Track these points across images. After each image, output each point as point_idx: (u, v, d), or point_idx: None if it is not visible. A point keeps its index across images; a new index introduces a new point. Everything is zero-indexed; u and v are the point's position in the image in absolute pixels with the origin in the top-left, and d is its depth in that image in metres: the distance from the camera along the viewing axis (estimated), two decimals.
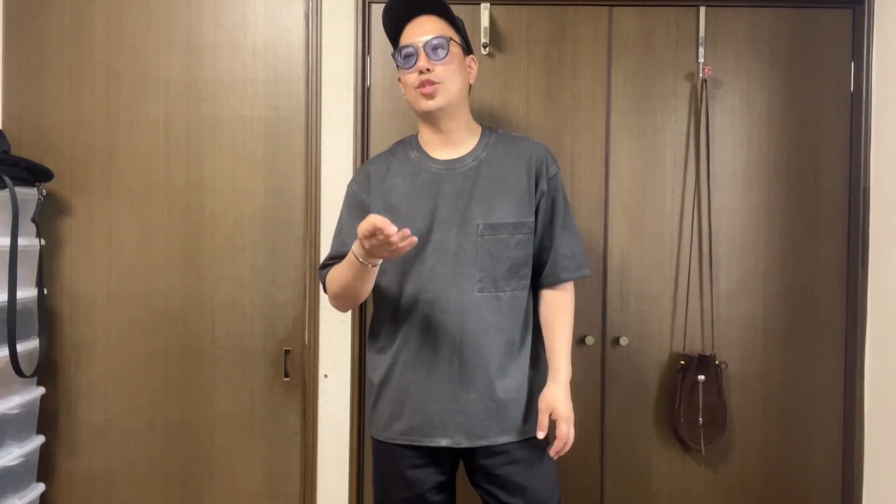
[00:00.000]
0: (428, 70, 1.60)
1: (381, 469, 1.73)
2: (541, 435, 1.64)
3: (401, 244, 1.42)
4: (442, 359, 1.61)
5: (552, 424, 1.64)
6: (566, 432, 1.63)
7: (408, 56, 1.63)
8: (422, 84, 1.61)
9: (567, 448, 1.64)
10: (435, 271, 1.62)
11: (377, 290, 1.70)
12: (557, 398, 1.65)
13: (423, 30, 1.63)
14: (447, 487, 1.73)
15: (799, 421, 2.18)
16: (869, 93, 2.13)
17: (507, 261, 1.64)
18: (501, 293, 1.64)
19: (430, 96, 1.62)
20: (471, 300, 1.61)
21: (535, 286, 1.73)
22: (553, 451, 1.64)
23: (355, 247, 1.51)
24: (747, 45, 2.16)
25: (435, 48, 1.61)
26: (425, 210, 1.64)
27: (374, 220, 1.38)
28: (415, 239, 1.44)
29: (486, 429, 1.62)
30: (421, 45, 1.61)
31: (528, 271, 1.69)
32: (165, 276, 2.15)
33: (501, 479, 1.63)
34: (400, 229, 1.54)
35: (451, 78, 1.63)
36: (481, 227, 1.63)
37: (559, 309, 1.71)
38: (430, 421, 1.62)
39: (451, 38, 1.63)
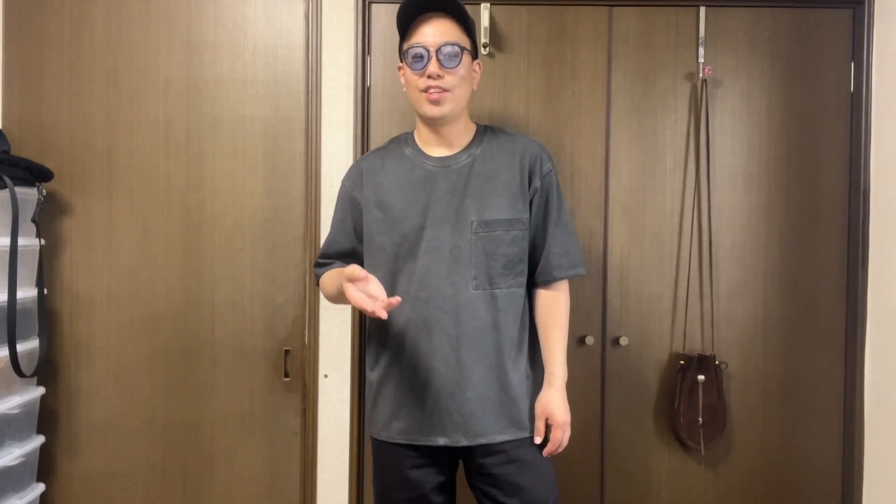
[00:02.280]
0: (438, 76, 1.59)
1: (381, 469, 1.73)
2: (538, 440, 1.65)
3: (378, 311, 1.45)
4: (439, 357, 1.61)
5: (548, 428, 1.65)
6: (560, 437, 1.65)
7: (418, 57, 1.59)
8: (428, 89, 1.60)
9: (559, 450, 1.66)
10: (430, 269, 1.62)
11: None
12: (553, 403, 1.65)
13: (439, 31, 1.59)
14: (448, 488, 1.73)
15: (799, 421, 2.18)
16: (869, 93, 2.13)
17: (503, 258, 1.63)
18: (497, 290, 1.63)
19: (436, 103, 1.61)
20: (466, 298, 1.61)
21: (530, 285, 1.73)
22: (545, 452, 1.66)
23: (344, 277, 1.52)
24: (747, 45, 2.16)
25: (449, 55, 1.59)
26: (419, 207, 1.64)
27: (355, 287, 1.47)
28: (398, 300, 1.46)
29: (484, 427, 1.62)
30: (434, 49, 1.58)
31: (524, 268, 1.68)
32: (165, 276, 2.15)
33: (498, 478, 1.63)
34: (392, 227, 1.60)
35: (459, 86, 1.62)
36: (475, 224, 1.62)
37: (553, 309, 1.70)
38: (428, 420, 1.62)
39: (464, 48, 1.61)
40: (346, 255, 1.77)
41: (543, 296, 1.71)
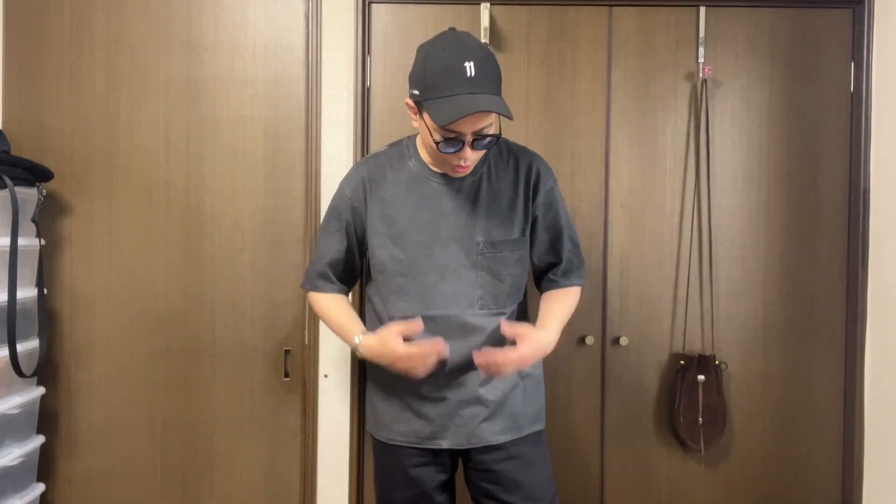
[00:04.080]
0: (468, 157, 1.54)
1: (383, 468, 1.73)
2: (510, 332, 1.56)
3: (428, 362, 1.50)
4: (443, 373, 1.60)
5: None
6: (503, 358, 1.51)
7: (452, 141, 1.49)
8: (458, 167, 1.56)
9: (494, 368, 1.52)
10: (435, 288, 1.60)
11: (375, 305, 1.69)
12: (539, 338, 1.58)
13: (477, 120, 1.47)
14: (448, 487, 1.73)
15: (799, 421, 2.18)
16: (869, 93, 2.13)
17: (509, 278, 1.63)
18: (503, 309, 1.63)
19: (460, 172, 1.59)
20: (472, 317, 1.61)
21: (541, 289, 1.75)
22: (477, 358, 1.52)
23: (361, 346, 1.58)
24: (747, 45, 2.16)
25: (482, 139, 1.51)
26: (424, 225, 1.61)
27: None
28: (445, 353, 1.51)
29: (485, 430, 1.63)
30: (470, 139, 1.49)
31: (524, 283, 1.70)
32: (165, 275, 2.15)
33: (498, 474, 1.64)
34: (394, 243, 1.60)
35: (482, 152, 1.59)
36: (482, 244, 1.61)
37: (565, 296, 1.72)
38: (430, 425, 1.63)
39: (496, 135, 1.54)
40: (345, 271, 1.72)
41: (558, 290, 1.73)
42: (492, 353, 1.51)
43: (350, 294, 1.81)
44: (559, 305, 1.69)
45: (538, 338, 1.58)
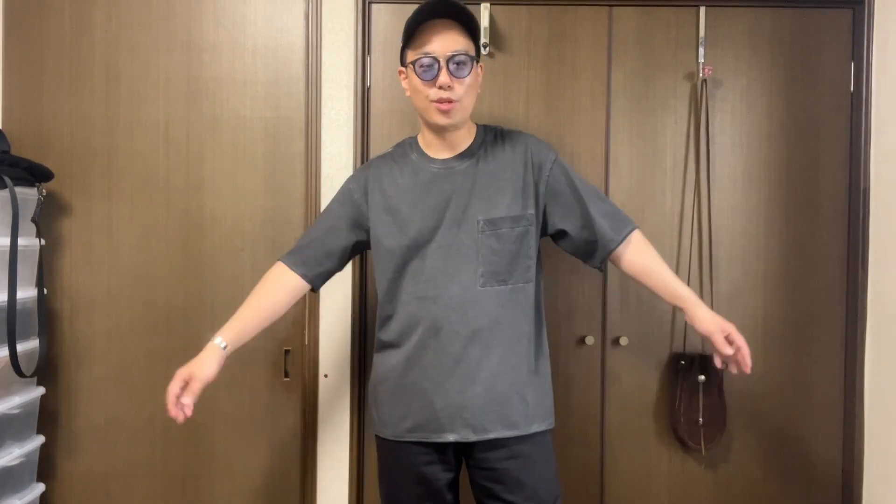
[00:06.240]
0: (449, 87, 1.59)
1: (390, 469, 1.72)
2: (730, 351, 1.62)
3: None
4: (448, 354, 1.62)
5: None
6: (741, 339, 1.62)
7: (428, 66, 1.59)
8: (440, 100, 1.60)
9: (743, 361, 1.63)
10: (437, 269, 1.64)
11: (380, 289, 1.72)
12: (716, 316, 1.65)
13: (449, 41, 1.59)
14: (455, 486, 1.74)
15: (799, 421, 2.18)
16: (869, 93, 2.13)
17: (508, 255, 1.65)
18: (503, 287, 1.65)
19: (446, 114, 1.62)
20: (474, 295, 1.63)
21: (605, 258, 1.73)
22: (745, 365, 1.62)
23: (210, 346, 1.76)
24: (747, 45, 2.16)
25: (459, 65, 1.60)
26: (425, 209, 1.66)
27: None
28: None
29: (492, 422, 1.62)
30: (445, 59, 1.58)
31: (531, 263, 1.69)
32: (165, 276, 2.15)
33: (500, 473, 1.64)
34: (400, 230, 1.64)
35: (467, 94, 1.63)
36: (481, 223, 1.64)
37: (644, 254, 1.74)
38: (437, 417, 1.63)
39: (473, 56, 1.63)
40: (318, 254, 1.76)
41: (627, 252, 1.73)
42: (746, 350, 1.61)
43: (319, 286, 1.81)
44: (664, 271, 1.73)
45: (715, 315, 1.65)
